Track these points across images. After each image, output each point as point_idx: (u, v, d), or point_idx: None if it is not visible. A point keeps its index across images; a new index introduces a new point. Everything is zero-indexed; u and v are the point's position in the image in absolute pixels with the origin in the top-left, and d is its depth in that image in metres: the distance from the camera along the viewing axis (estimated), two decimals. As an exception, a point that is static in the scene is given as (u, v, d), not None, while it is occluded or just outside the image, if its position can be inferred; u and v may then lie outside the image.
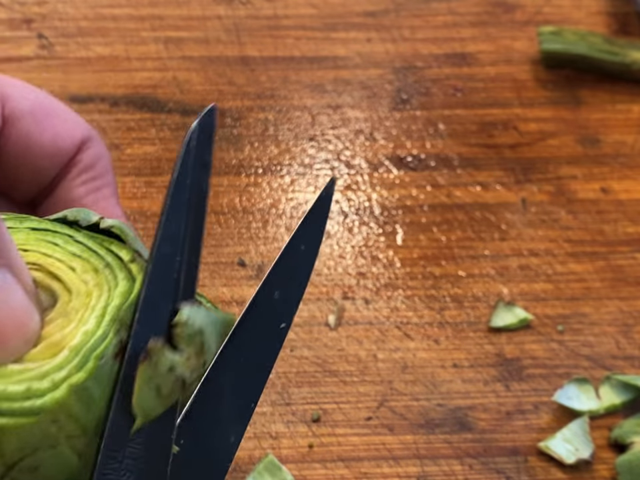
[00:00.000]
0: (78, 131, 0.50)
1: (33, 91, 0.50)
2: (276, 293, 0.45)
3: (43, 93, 0.51)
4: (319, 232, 0.47)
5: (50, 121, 0.50)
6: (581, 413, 0.58)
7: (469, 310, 0.62)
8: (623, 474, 0.55)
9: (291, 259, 0.46)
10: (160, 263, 0.41)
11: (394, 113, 0.70)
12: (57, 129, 0.50)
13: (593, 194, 0.67)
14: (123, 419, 0.40)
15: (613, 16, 0.76)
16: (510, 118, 0.70)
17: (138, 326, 0.40)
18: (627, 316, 0.62)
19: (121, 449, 0.40)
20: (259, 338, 0.44)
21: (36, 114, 0.49)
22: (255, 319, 0.44)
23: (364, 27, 0.74)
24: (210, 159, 0.44)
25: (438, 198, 0.66)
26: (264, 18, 0.74)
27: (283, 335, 0.45)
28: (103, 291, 0.42)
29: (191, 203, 0.42)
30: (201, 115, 0.44)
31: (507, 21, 0.75)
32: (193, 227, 0.42)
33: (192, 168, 0.43)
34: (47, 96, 0.51)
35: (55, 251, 0.44)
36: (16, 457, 0.40)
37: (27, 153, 0.49)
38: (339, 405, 0.58)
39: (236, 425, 0.44)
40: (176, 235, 0.42)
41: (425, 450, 0.56)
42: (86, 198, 0.50)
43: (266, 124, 0.69)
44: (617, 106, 0.71)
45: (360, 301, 0.62)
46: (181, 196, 0.42)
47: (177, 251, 0.42)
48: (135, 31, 0.72)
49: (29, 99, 0.49)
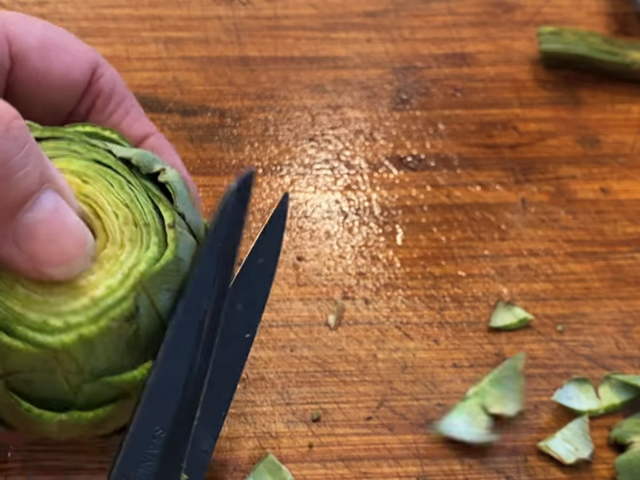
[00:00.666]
0: (85, 61, 0.51)
1: (36, 24, 0.50)
2: (238, 306, 0.47)
3: (46, 24, 0.50)
4: (277, 245, 0.50)
5: (57, 55, 0.50)
6: (580, 413, 0.58)
7: (468, 310, 0.62)
8: (623, 473, 0.56)
9: (250, 272, 0.48)
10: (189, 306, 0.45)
11: (394, 113, 0.70)
12: (65, 62, 0.50)
13: (593, 194, 0.67)
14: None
15: (613, 16, 0.76)
16: (509, 118, 0.70)
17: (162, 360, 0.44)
18: (626, 316, 0.62)
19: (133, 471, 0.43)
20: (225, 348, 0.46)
21: (43, 50, 0.49)
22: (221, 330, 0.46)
23: (364, 27, 0.74)
24: (244, 216, 0.47)
25: (438, 198, 0.66)
26: (264, 18, 0.74)
27: (248, 344, 0.48)
28: (134, 249, 0.44)
29: (222, 255, 0.46)
30: (242, 176, 0.47)
31: (507, 21, 0.75)
32: (221, 279, 0.46)
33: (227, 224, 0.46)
34: (51, 26, 0.50)
35: (108, 192, 0.46)
36: (15, 369, 0.43)
37: (38, 90, 0.49)
38: (338, 405, 0.58)
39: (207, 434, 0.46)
40: (206, 283, 0.45)
41: (425, 450, 0.57)
42: (120, 125, 0.52)
43: (266, 124, 0.69)
44: (617, 106, 0.72)
45: (360, 301, 0.62)
46: (214, 247, 0.46)
47: (206, 297, 0.45)
48: (135, 31, 0.72)
49: (34, 34, 0.49)
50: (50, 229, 0.42)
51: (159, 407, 0.44)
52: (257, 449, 0.56)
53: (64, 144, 0.47)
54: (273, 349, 0.59)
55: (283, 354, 0.59)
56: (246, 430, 0.56)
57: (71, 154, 0.47)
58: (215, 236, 0.46)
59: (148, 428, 0.43)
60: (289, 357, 0.59)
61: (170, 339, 0.44)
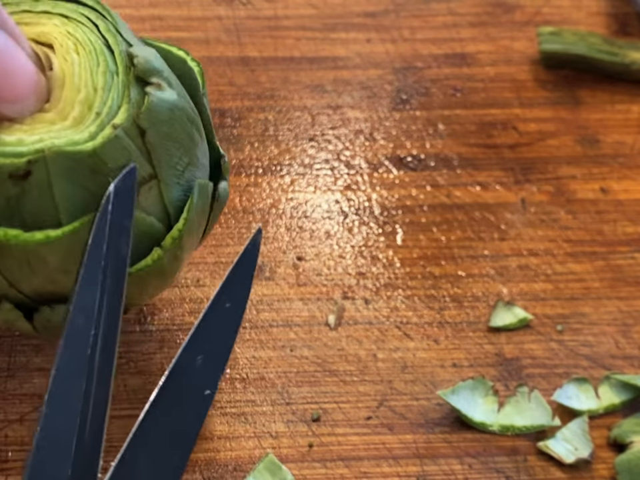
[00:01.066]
0: None
1: None
2: (198, 359, 0.43)
3: None
4: (246, 287, 0.45)
5: None
6: (580, 413, 0.58)
7: (468, 310, 0.62)
8: (622, 473, 0.56)
9: (215, 319, 0.44)
10: (73, 336, 0.39)
11: (394, 113, 0.70)
12: None
13: (592, 194, 0.67)
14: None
15: (613, 16, 0.76)
16: (509, 118, 0.70)
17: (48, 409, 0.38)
18: (626, 316, 0.62)
19: None
20: (181, 407, 0.42)
21: None
22: (176, 387, 0.42)
23: (364, 27, 0.74)
24: (129, 223, 0.42)
25: (438, 198, 0.66)
26: (264, 18, 0.74)
27: (207, 402, 0.43)
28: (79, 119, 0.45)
29: (107, 271, 0.41)
30: (119, 177, 0.43)
31: (507, 21, 0.75)
32: (110, 296, 0.40)
33: (109, 233, 0.41)
34: None
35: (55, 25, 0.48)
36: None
37: None
38: (338, 405, 0.58)
39: None
40: (90, 305, 0.40)
41: (425, 449, 0.57)
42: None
43: (266, 124, 0.69)
44: (617, 106, 0.72)
45: (360, 301, 0.62)
46: (96, 263, 0.41)
47: (92, 323, 0.40)
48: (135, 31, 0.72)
49: None
50: (1, 64, 0.41)
51: (51, 471, 0.38)
52: (257, 449, 0.56)
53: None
54: (272, 348, 0.59)
55: (283, 354, 0.59)
56: (246, 430, 0.56)
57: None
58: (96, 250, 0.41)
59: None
60: (288, 357, 0.59)
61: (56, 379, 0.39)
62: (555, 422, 0.57)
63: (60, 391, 0.38)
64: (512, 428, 0.57)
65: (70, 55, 0.46)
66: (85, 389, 0.39)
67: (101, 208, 0.42)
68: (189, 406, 0.42)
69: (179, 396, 0.42)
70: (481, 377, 0.58)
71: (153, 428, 0.41)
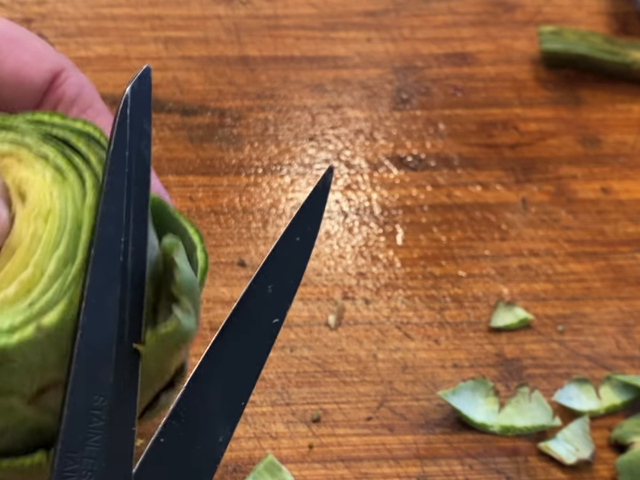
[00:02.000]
0: (46, 62, 0.47)
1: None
2: (269, 288, 0.43)
3: (6, 21, 0.47)
4: (316, 223, 0.45)
5: (12, 51, 0.46)
6: (581, 413, 0.58)
7: (469, 310, 0.62)
8: (623, 474, 0.55)
9: (285, 251, 0.43)
10: (104, 245, 0.39)
11: (394, 113, 0.70)
12: (20, 59, 0.46)
13: (593, 194, 0.67)
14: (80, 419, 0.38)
15: (614, 16, 0.76)
16: (510, 118, 0.70)
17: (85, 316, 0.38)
18: (627, 316, 0.62)
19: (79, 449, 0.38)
20: (250, 334, 0.42)
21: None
22: (246, 315, 0.42)
23: (364, 26, 0.74)
24: (149, 126, 0.41)
25: (438, 198, 0.66)
26: (264, 18, 0.74)
27: (275, 331, 0.43)
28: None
29: (131, 176, 0.40)
30: (134, 78, 0.41)
31: (507, 20, 0.75)
32: (136, 202, 0.40)
33: (130, 137, 0.40)
34: (11, 24, 0.47)
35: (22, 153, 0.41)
36: None
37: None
38: (339, 405, 0.58)
39: (225, 424, 0.41)
40: (118, 213, 0.39)
41: (425, 450, 0.56)
42: None
43: (266, 124, 0.69)
44: (617, 106, 0.71)
45: (360, 301, 0.61)
46: (120, 170, 0.40)
47: (121, 230, 0.39)
48: (134, 30, 0.72)
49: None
50: None
51: (93, 373, 0.38)
52: (257, 449, 0.56)
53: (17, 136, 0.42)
54: (273, 349, 0.59)
55: (283, 354, 0.59)
56: (246, 430, 0.56)
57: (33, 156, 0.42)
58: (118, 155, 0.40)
59: (86, 399, 0.38)
60: (288, 357, 0.59)
61: (91, 289, 0.38)
62: (556, 422, 0.57)
63: (96, 299, 0.38)
64: (512, 429, 0.57)
65: (37, 221, 0.39)
66: (120, 296, 0.39)
67: (119, 112, 0.40)
68: (258, 333, 0.42)
69: (248, 323, 0.42)
70: (482, 378, 0.58)
71: (224, 352, 0.42)
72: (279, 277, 0.43)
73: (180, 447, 0.40)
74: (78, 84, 0.47)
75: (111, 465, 0.38)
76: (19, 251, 0.39)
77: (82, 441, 0.38)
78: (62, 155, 0.41)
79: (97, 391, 0.38)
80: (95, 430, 0.38)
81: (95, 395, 0.38)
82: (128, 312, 0.39)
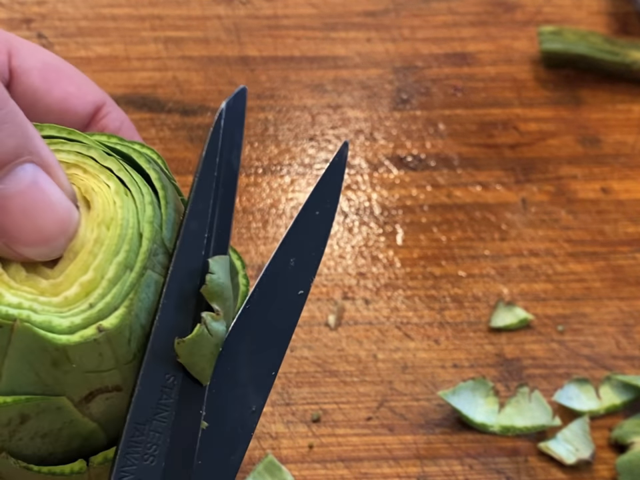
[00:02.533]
0: (90, 95, 0.49)
1: (42, 51, 0.49)
2: (292, 260, 0.44)
3: (53, 54, 0.49)
4: (335, 196, 0.46)
5: (59, 81, 0.48)
6: (581, 413, 0.58)
7: (469, 310, 0.62)
8: (623, 474, 0.55)
9: (306, 224, 0.45)
10: (188, 238, 0.42)
11: (394, 113, 0.70)
12: (66, 90, 0.48)
13: (593, 194, 0.67)
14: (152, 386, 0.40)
15: (614, 16, 0.76)
16: (510, 118, 0.70)
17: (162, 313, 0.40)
18: (627, 316, 0.62)
19: (147, 422, 0.40)
20: (276, 305, 0.44)
21: (45, 72, 0.48)
22: (271, 286, 0.43)
23: (364, 26, 0.74)
24: (240, 139, 0.44)
25: (438, 198, 0.66)
26: (264, 18, 0.74)
27: (301, 302, 0.44)
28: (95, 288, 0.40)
29: (219, 181, 0.43)
30: (231, 96, 0.44)
31: (507, 20, 0.75)
32: (222, 204, 0.43)
33: (221, 147, 0.43)
34: (58, 58, 0.49)
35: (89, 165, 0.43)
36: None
37: (34, 111, 0.47)
38: (339, 405, 0.58)
39: (256, 394, 0.42)
40: (204, 212, 0.42)
41: (425, 450, 0.56)
42: None
43: (266, 124, 0.69)
44: (617, 106, 0.71)
45: (360, 301, 0.61)
46: (210, 174, 0.43)
47: (205, 227, 0.42)
48: (134, 30, 0.72)
49: (38, 57, 0.48)
50: (25, 203, 0.39)
51: (166, 353, 0.40)
52: (257, 449, 0.56)
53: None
54: (272, 349, 0.59)
55: (283, 354, 0.59)
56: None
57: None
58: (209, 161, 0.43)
59: (158, 376, 0.40)
60: (288, 357, 0.59)
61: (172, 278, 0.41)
62: (556, 422, 0.57)
63: (177, 288, 0.41)
64: (512, 429, 0.57)
65: (101, 227, 0.41)
66: (198, 287, 0.41)
67: (214, 124, 0.43)
68: (284, 304, 0.44)
69: (274, 294, 0.44)
70: (482, 378, 0.58)
71: (252, 322, 0.43)
72: (301, 251, 0.44)
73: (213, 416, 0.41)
74: (119, 119, 0.50)
75: (175, 442, 0.40)
76: (82, 255, 0.40)
77: (150, 415, 0.40)
78: (124, 169, 0.43)
79: (168, 370, 0.40)
80: (164, 406, 0.40)
81: (167, 374, 0.40)
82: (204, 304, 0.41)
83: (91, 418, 0.41)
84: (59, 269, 0.40)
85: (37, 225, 0.39)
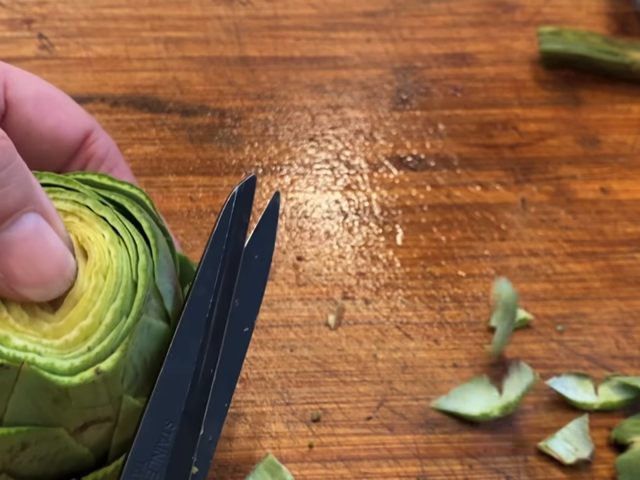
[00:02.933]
0: (80, 122, 0.52)
1: (36, 81, 0.51)
2: (236, 301, 0.49)
3: (46, 83, 0.52)
4: (271, 240, 0.51)
5: (51, 110, 0.51)
6: (575, 404, 0.58)
7: (468, 310, 0.62)
8: (623, 473, 0.55)
9: (246, 268, 0.50)
10: (195, 302, 0.46)
11: (394, 113, 0.70)
12: (57, 118, 0.51)
13: (593, 194, 0.67)
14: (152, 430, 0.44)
15: (613, 16, 0.76)
16: (510, 118, 0.70)
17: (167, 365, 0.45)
18: (626, 316, 0.62)
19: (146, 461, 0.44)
20: (226, 342, 0.48)
21: (38, 101, 0.51)
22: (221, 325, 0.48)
23: (364, 27, 0.74)
24: (247, 220, 0.49)
25: (438, 198, 0.66)
26: (264, 18, 0.74)
27: (247, 338, 0.49)
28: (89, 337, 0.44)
29: (226, 254, 0.48)
30: (243, 181, 0.49)
31: (507, 21, 0.75)
32: (227, 273, 0.48)
33: (230, 226, 0.48)
34: (51, 86, 0.52)
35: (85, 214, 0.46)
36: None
37: (28, 140, 0.51)
38: (338, 405, 0.58)
39: (212, 424, 0.47)
40: (211, 279, 0.47)
41: (425, 450, 0.57)
42: None
43: (266, 124, 0.69)
44: (617, 106, 0.72)
45: (360, 301, 0.62)
46: (218, 247, 0.48)
47: (211, 293, 0.47)
48: (135, 31, 0.72)
49: (32, 87, 0.51)
50: (28, 249, 0.42)
51: (168, 401, 0.45)
52: (257, 449, 0.56)
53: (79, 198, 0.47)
54: (272, 349, 0.59)
55: (283, 354, 0.59)
56: (246, 430, 0.56)
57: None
58: (219, 236, 0.48)
59: (159, 422, 0.44)
60: (288, 357, 0.59)
61: (178, 335, 0.45)
62: (536, 378, 0.57)
63: (182, 344, 0.46)
64: (508, 405, 0.57)
65: (98, 276, 0.44)
66: (201, 345, 0.46)
67: (225, 205, 0.48)
68: (234, 341, 0.49)
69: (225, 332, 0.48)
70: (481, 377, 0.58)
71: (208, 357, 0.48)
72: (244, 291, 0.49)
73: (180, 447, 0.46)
74: (106, 145, 0.53)
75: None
76: (81, 302, 0.43)
77: (149, 455, 0.44)
78: (118, 218, 0.46)
79: (169, 418, 0.45)
80: (162, 449, 0.44)
81: (167, 421, 0.45)
82: (205, 357, 0.46)
83: (84, 444, 0.45)
84: (60, 314, 0.43)
85: (38, 268, 0.42)
